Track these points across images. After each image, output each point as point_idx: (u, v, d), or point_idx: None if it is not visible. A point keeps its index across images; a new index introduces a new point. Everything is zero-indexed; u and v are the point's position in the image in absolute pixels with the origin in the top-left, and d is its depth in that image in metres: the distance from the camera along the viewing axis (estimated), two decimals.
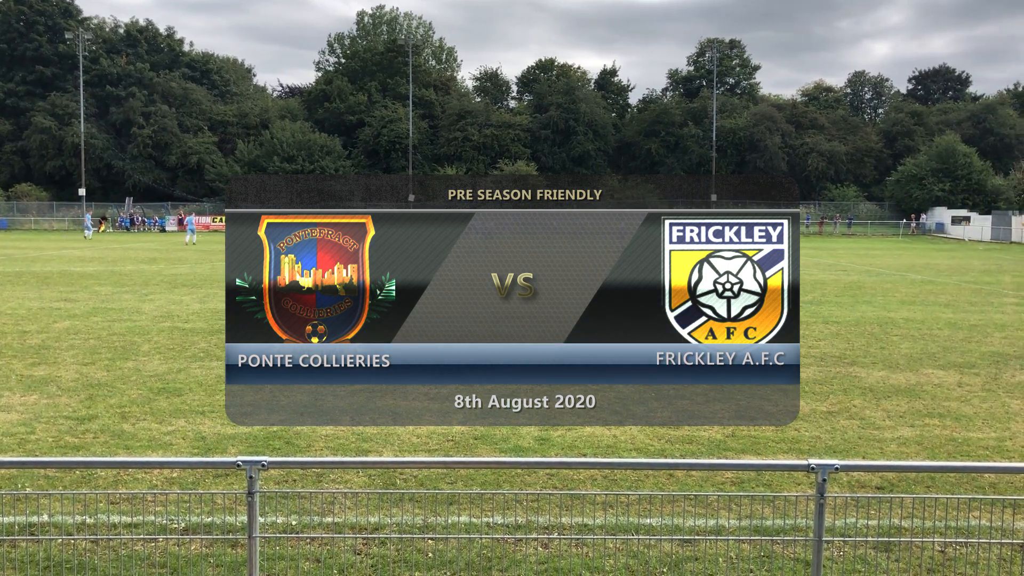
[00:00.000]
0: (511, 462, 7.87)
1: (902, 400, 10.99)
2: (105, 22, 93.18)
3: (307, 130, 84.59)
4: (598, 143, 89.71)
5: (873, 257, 42.98)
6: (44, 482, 7.32)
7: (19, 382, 11.42)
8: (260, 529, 4.91)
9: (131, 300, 20.92)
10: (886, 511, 6.59)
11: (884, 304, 21.56)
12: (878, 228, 77.36)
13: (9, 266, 31.33)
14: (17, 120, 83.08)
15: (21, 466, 7.45)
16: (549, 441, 8.84)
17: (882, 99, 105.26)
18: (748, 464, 7.81)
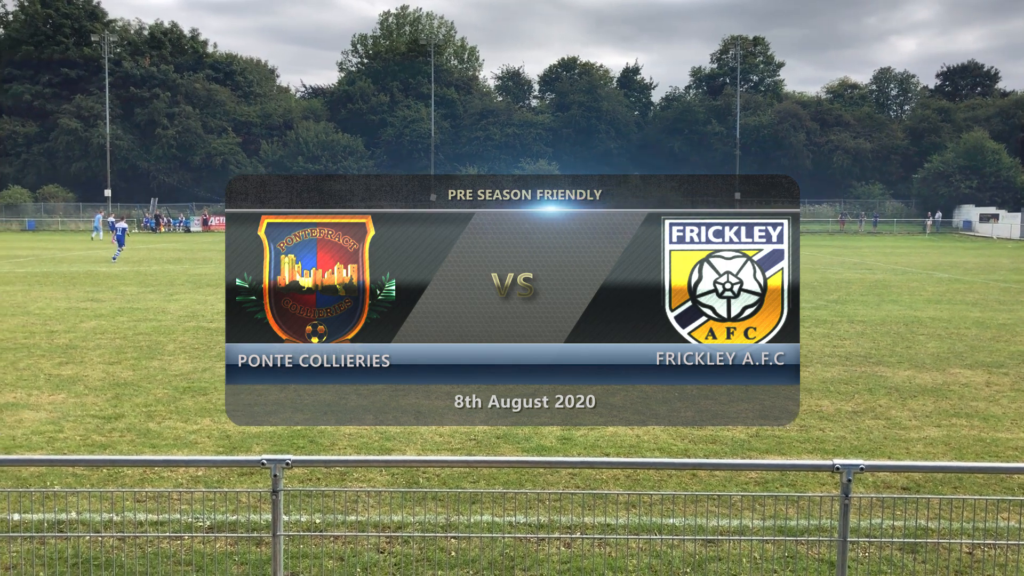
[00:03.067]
0: (534, 461, 7.87)
1: (929, 400, 10.88)
2: (130, 24, 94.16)
3: (330, 130, 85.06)
4: (620, 141, 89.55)
5: (899, 255, 42.57)
6: (72, 480, 7.41)
7: (47, 381, 11.56)
8: (284, 527, 4.94)
9: (156, 300, 21.11)
10: (912, 512, 6.53)
11: (910, 303, 21.36)
12: (904, 226, 76.63)
13: (37, 267, 31.71)
14: (44, 122, 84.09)
15: (50, 464, 7.55)
16: (572, 441, 8.83)
17: (908, 96, 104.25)
18: (772, 464, 7.76)
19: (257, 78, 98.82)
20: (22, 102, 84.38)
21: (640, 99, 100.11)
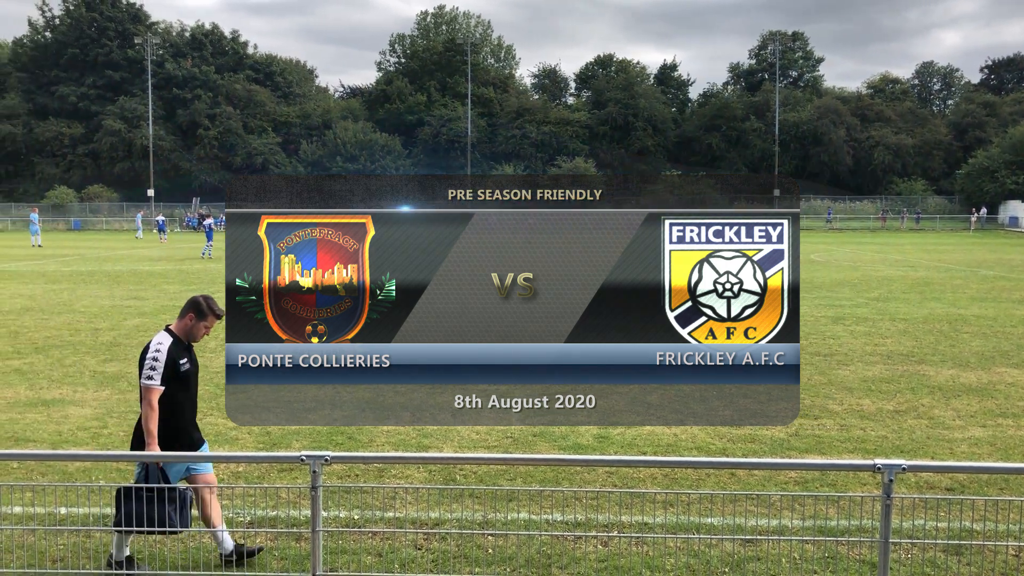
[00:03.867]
0: (571, 459, 7.86)
1: (973, 399, 10.69)
2: (172, 26, 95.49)
3: (368, 130, 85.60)
4: (657, 138, 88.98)
5: (942, 252, 41.83)
6: (116, 475, 7.54)
7: (92, 378, 11.78)
8: (323, 523, 4.98)
9: None
10: (956, 513, 6.42)
11: (954, 300, 20.98)
12: (947, 222, 75.28)
13: (82, 265, 32.31)
14: (88, 123, 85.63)
15: (95, 459, 7.69)
16: (608, 439, 8.80)
17: (952, 90, 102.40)
18: (812, 464, 7.68)
19: (296, 78, 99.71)
20: (68, 104, 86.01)
21: (677, 96, 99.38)
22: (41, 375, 11.95)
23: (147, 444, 5.49)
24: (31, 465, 7.64)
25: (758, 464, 7.40)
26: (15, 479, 7.40)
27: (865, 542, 5.95)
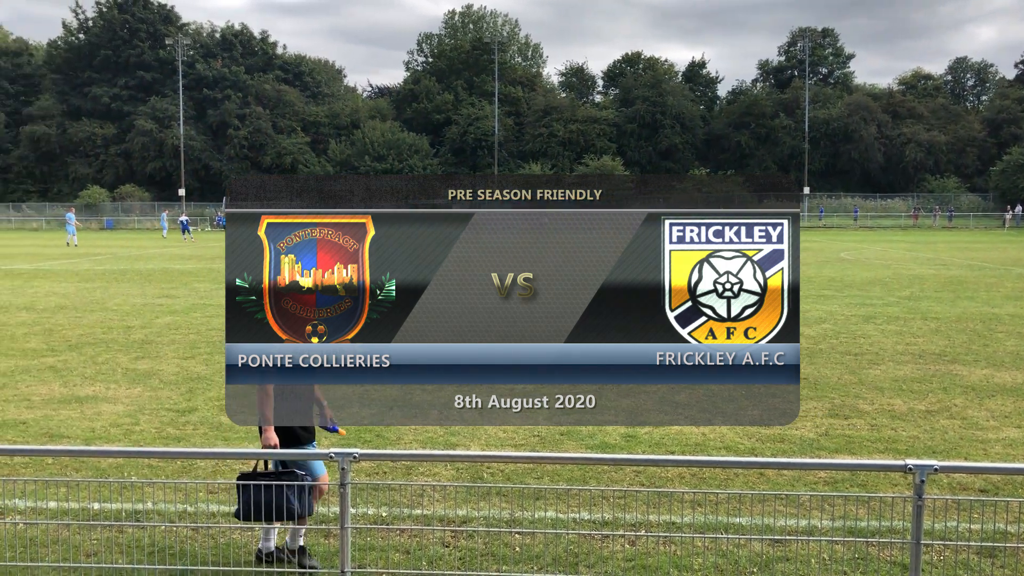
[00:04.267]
0: (598, 458, 7.84)
1: (1008, 400, 10.53)
2: (202, 27, 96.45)
3: (396, 129, 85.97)
4: (686, 136, 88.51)
5: (975, 251, 41.26)
6: (148, 471, 7.64)
7: (124, 375, 11.93)
8: (351, 520, 5.01)
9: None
10: (990, 515, 6.33)
11: (988, 299, 20.68)
12: (980, 220, 74.24)
13: (114, 264, 32.73)
14: (120, 123, 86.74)
15: (127, 456, 7.79)
16: (636, 438, 8.78)
17: (986, 86, 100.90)
18: (842, 464, 7.60)
19: (325, 78, 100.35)
20: (100, 104, 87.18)
21: (706, 93, 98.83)
22: (75, 372, 12.12)
23: (263, 431, 5.59)
24: (65, 461, 7.76)
25: (787, 464, 7.34)
26: (50, 475, 7.52)
27: (896, 543, 5.89)
